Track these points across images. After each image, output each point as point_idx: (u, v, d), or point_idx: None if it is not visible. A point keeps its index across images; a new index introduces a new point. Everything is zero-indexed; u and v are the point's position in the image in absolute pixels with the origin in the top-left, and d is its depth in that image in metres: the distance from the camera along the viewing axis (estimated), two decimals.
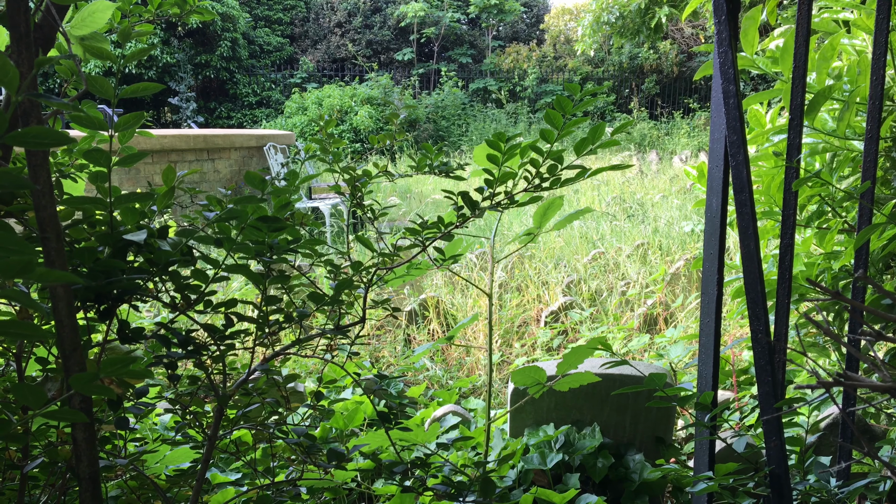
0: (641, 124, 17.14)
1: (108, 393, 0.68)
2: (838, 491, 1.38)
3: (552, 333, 4.18)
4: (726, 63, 1.37)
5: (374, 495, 2.28)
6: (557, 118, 1.42)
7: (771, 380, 1.30)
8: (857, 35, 2.12)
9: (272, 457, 1.43)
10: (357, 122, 15.79)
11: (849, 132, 2.01)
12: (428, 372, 3.89)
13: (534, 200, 1.57)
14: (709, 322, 1.49)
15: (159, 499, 1.43)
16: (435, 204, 8.70)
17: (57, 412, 0.67)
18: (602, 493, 2.28)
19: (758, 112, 2.26)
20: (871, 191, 1.51)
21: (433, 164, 1.59)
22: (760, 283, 1.36)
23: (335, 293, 1.24)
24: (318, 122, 4.62)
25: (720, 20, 1.38)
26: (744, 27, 1.76)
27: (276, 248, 1.19)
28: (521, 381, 1.82)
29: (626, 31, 11.93)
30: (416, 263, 1.72)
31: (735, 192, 1.39)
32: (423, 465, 1.24)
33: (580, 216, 1.88)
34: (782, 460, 1.31)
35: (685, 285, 4.85)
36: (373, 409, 2.72)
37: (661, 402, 1.37)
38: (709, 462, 1.49)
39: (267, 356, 1.30)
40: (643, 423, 2.45)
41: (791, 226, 1.47)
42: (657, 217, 7.18)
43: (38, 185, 0.73)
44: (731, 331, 4.04)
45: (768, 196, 2.20)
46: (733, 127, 1.37)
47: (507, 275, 5.17)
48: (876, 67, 1.54)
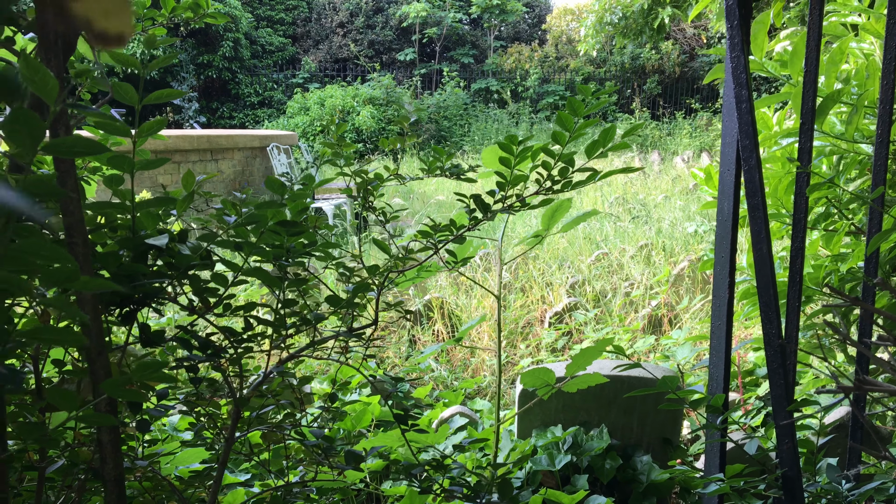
0: (643, 124, 17.14)
1: (139, 397, 0.69)
2: (849, 493, 1.39)
3: (557, 334, 4.19)
4: (739, 68, 1.37)
5: (383, 496, 2.29)
6: (569, 120, 1.43)
7: (783, 382, 1.31)
8: (865, 38, 2.13)
9: (286, 458, 1.44)
10: (359, 122, 15.80)
11: (857, 135, 2.02)
12: (433, 373, 3.90)
13: (545, 203, 1.58)
14: (720, 325, 1.50)
15: (173, 499, 1.44)
16: (438, 205, 8.70)
17: (89, 416, 0.68)
18: (610, 495, 2.29)
19: (765, 115, 2.26)
20: (882, 194, 1.52)
21: (444, 166, 1.60)
22: (773, 286, 1.37)
23: (352, 295, 1.24)
24: (321, 122, 4.57)
25: (732, 25, 1.38)
26: (753, 31, 1.77)
27: (293, 251, 1.20)
28: (530, 382, 1.83)
29: (628, 32, 11.94)
30: (427, 266, 1.72)
31: (747, 195, 1.39)
32: (439, 466, 1.25)
33: (587, 218, 1.89)
34: (795, 463, 1.32)
35: (689, 286, 4.85)
36: (380, 410, 2.74)
37: (673, 405, 1.38)
38: (720, 464, 1.50)
39: (282, 358, 1.31)
40: (650, 425, 2.46)
41: (802, 229, 1.47)
42: (660, 218, 7.19)
43: (72, 193, 0.74)
44: (736, 333, 4.05)
45: (775, 199, 2.21)
46: (745, 131, 1.38)
47: (511, 275, 5.18)
48: (886, 72, 1.55)
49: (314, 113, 16.04)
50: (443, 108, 17.97)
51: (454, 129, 17.69)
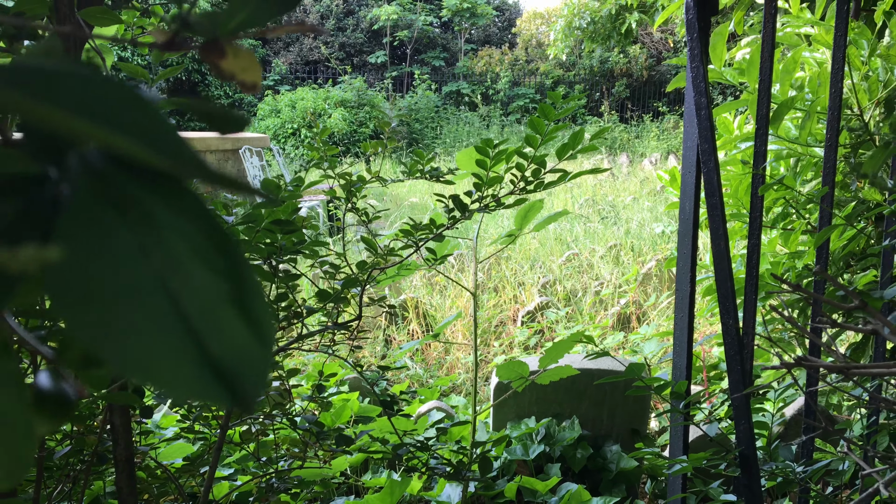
0: (612, 127, 17.38)
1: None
2: (802, 471, 1.50)
3: (529, 333, 4.29)
4: (698, 77, 1.48)
5: (364, 487, 2.36)
6: (541, 124, 1.53)
7: (740, 368, 1.41)
8: (818, 48, 2.26)
9: (275, 446, 1.51)
10: (331, 124, 15.80)
11: (810, 139, 2.14)
12: (409, 371, 3.98)
13: (519, 202, 1.67)
14: (682, 317, 1.60)
15: (168, 487, 1.50)
16: (412, 207, 8.77)
17: (115, 394, 0.75)
18: (581, 482, 2.39)
19: (727, 120, 2.39)
20: (831, 195, 1.63)
21: (424, 168, 1.69)
22: (730, 279, 1.47)
23: (341, 290, 1.32)
24: (292, 124, 4.61)
25: (692, 37, 1.49)
26: (712, 42, 1.88)
27: (284, 249, 1.28)
28: (504, 375, 1.92)
29: (597, 36, 12.14)
30: (406, 264, 1.81)
31: (706, 196, 1.50)
32: (423, 447, 1.34)
33: (558, 218, 1.99)
34: (751, 442, 1.42)
35: (657, 285, 4.99)
36: (359, 405, 2.81)
37: (640, 391, 1.48)
38: (683, 447, 1.61)
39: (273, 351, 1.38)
40: (620, 416, 2.56)
41: (758, 227, 1.58)
42: (629, 219, 7.34)
43: None
44: (700, 328, 4.19)
45: (736, 199, 2.33)
46: (704, 136, 1.48)
47: (484, 276, 5.28)
48: (834, 80, 1.67)
49: (285, 115, 16.00)
50: (414, 111, 18.04)
51: (426, 132, 17.77)
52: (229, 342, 0.18)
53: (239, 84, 0.25)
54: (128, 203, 0.18)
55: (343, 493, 2.45)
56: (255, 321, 0.19)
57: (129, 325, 0.17)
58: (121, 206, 0.18)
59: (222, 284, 0.18)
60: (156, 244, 0.18)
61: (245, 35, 0.28)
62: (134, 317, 0.17)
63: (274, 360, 1.46)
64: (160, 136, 0.17)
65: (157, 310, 0.17)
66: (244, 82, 0.24)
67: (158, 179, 0.18)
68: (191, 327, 0.17)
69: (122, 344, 0.17)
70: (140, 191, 0.18)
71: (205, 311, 0.17)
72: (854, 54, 2.19)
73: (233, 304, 0.18)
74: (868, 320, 0.98)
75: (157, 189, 0.18)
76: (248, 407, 0.18)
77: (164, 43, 0.27)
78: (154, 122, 0.17)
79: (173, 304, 0.17)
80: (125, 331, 0.17)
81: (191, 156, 0.17)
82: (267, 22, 0.26)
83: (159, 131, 0.17)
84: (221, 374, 0.17)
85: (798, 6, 2.24)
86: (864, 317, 0.94)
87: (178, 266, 0.18)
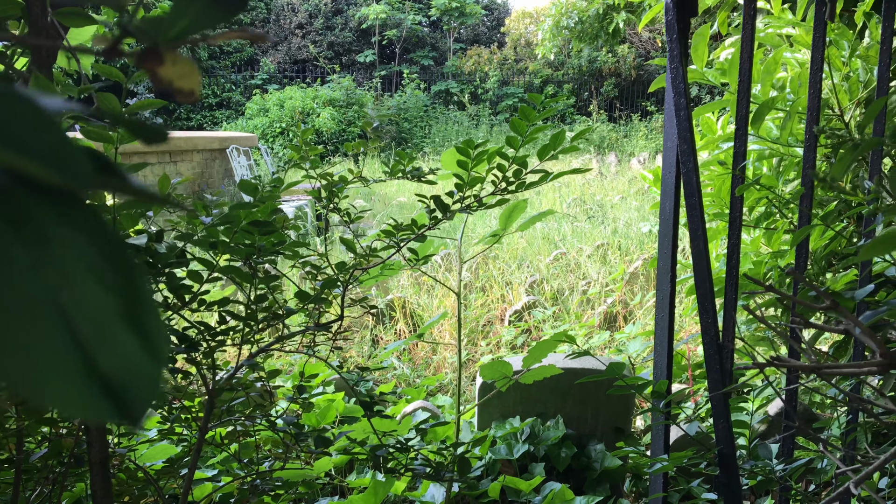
0: (600, 127, 17.43)
1: None
2: (781, 470, 1.51)
3: (516, 332, 4.30)
4: (678, 78, 1.49)
5: (348, 488, 2.36)
6: (522, 126, 1.53)
7: (719, 367, 1.42)
8: (800, 49, 2.27)
9: (257, 448, 1.51)
10: (319, 123, 15.77)
11: (791, 139, 2.16)
12: (396, 371, 3.98)
13: (500, 203, 1.67)
14: (663, 316, 1.61)
15: (148, 489, 1.49)
16: (400, 206, 8.77)
17: None
18: (566, 481, 2.40)
19: (709, 120, 2.40)
20: (810, 195, 1.65)
21: (406, 169, 1.69)
22: (709, 279, 1.48)
23: (320, 291, 1.32)
24: (281, 123, 4.61)
25: (672, 38, 1.50)
26: (694, 43, 1.89)
27: (264, 250, 1.27)
28: (489, 374, 1.93)
29: (585, 36, 12.17)
30: (390, 264, 1.81)
31: (686, 196, 1.51)
32: (403, 448, 1.34)
33: (543, 218, 1.99)
34: (730, 441, 1.43)
35: (643, 284, 5.01)
36: (344, 406, 2.81)
37: (621, 390, 1.48)
38: (664, 446, 1.61)
39: (253, 352, 1.38)
40: (604, 416, 2.57)
41: (738, 227, 1.59)
42: (616, 218, 7.37)
43: None
44: (687, 327, 4.21)
45: (719, 199, 2.34)
46: (684, 137, 1.49)
47: (471, 275, 5.28)
48: (813, 81, 1.68)
49: (273, 114, 15.96)
50: (403, 110, 18.04)
51: (415, 131, 17.77)
52: (119, 357, 0.18)
53: (175, 91, 0.25)
54: (22, 218, 0.18)
55: (328, 493, 2.44)
56: (148, 336, 0.19)
57: (17, 339, 0.17)
58: (14, 221, 0.18)
59: (114, 299, 0.18)
60: (48, 259, 0.18)
61: (190, 41, 0.28)
62: (23, 331, 0.17)
63: (164, 375, 1.45)
64: (55, 150, 0.17)
65: (46, 325, 0.17)
66: (181, 89, 0.24)
67: (57, 195, 0.18)
68: (80, 342, 0.17)
69: (10, 358, 0.17)
70: (36, 206, 0.18)
71: (95, 327, 0.18)
72: (835, 55, 2.20)
73: (125, 319, 0.19)
74: (840, 320, 0.99)
75: (54, 204, 0.18)
76: (135, 421, 0.18)
77: (106, 50, 0.27)
78: (50, 136, 0.17)
79: (63, 319, 0.17)
80: (13, 345, 0.17)
81: (86, 170, 0.17)
82: (210, 28, 0.26)
83: (54, 146, 0.17)
84: (109, 388, 0.18)
85: (779, 7, 2.26)
86: (836, 317, 0.95)
87: (70, 281, 0.18)
